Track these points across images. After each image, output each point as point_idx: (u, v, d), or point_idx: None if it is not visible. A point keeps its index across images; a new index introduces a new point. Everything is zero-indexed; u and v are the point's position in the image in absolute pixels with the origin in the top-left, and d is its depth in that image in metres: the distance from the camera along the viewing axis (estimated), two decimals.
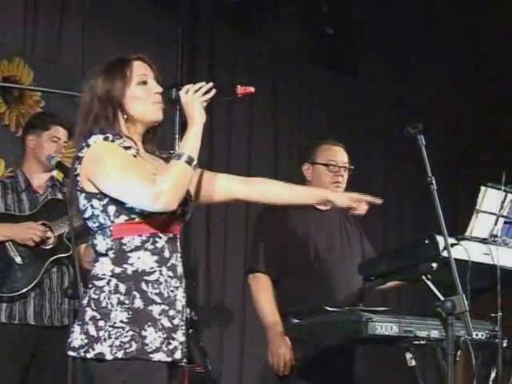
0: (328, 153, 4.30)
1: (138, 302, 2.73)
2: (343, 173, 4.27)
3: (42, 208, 4.30)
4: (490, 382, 3.69)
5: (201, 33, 6.11)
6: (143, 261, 2.76)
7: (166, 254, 2.80)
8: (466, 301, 3.13)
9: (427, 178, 3.30)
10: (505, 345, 3.65)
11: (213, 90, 2.82)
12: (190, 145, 2.78)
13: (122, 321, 2.71)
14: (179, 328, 2.80)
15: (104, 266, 2.77)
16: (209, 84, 2.83)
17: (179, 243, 2.88)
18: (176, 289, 2.81)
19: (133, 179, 2.71)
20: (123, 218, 2.76)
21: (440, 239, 3.40)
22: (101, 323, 2.71)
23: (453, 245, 3.41)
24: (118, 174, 2.72)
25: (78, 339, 2.74)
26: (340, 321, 3.63)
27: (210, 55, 6.12)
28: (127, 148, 2.79)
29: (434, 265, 3.44)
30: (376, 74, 6.96)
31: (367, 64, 6.90)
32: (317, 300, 3.98)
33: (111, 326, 2.70)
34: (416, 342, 3.60)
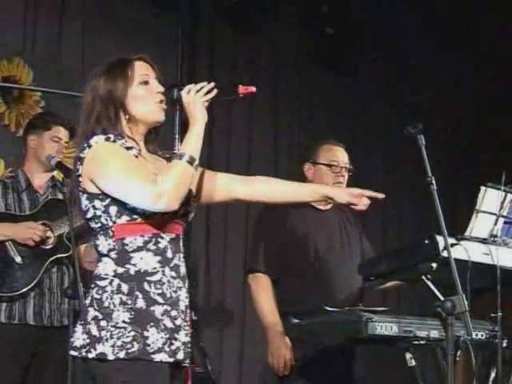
0: (330, 153, 4.30)
1: (141, 303, 2.72)
2: (344, 173, 4.28)
3: (43, 208, 4.29)
4: (490, 382, 3.69)
5: (201, 33, 6.11)
6: (146, 261, 2.75)
7: (169, 255, 2.80)
8: (466, 301, 3.13)
9: (427, 178, 3.30)
10: (504, 345, 3.65)
11: (214, 90, 2.82)
12: (192, 144, 2.77)
13: (124, 321, 2.70)
14: (182, 328, 2.79)
15: (106, 266, 2.76)
16: (210, 84, 2.82)
17: (182, 243, 2.87)
18: (179, 289, 2.81)
19: (134, 179, 2.70)
20: (125, 219, 2.76)
21: (440, 239, 3.40)
22: (103, 323, 2.71)
23: (453, 245, 3.41)
24: (120, 175, 2.72)
25: (80, 339, 2.73)
26: (340, 321, 3.63)
27: (210, 55, 6.11)
28: (129, 148, 2.78)
29: (434, 265, 3.44)
30: (376, 74, 6.96)
31: (367, 64, 6.90)
32: (317, 300, 3.98)
33: (113, 326, 2.70)
34: (416, 342, 3.60)
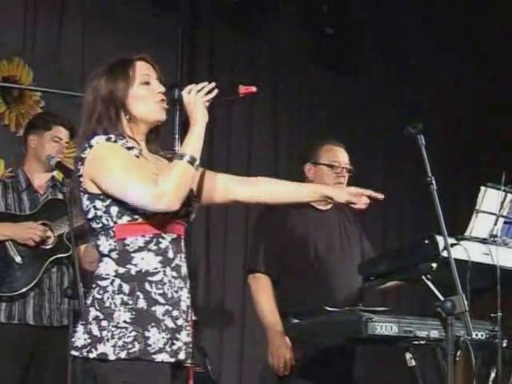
0: (331, 153, 4.30)
1: (142, 303, 2.72)
2: (345, 174, 4.28)
3: (43, 208, 4.29)
4: (490, 382, 3.69)
5: (201, 33, 6.10)
6: (147, 261, 2.75)
7: (170, 255, 2.79)
8: (466, 301, 3.12)
9: (427, 178, 3.30)
10: (504, 345, 3.65)
11: (215, 90, 2.81)
12: (193, 145, 2.77)
13: (126, 321, 2.70)
14: (183, 328, 2.80)
15: (108, 266, 2.76)
16: (211, 84, 2.82)
17: (183, 244, 2.87)
18: (180, 289, 2.81)
19: (135, 180, 2.70)
20: (126, 219, 2.75)
21: (440, 239, 3.40)
22: (104, 323, 2.71)
23: (453, 245, 3.41)
24: (120, 175, 2.72)
25: (81, 339, 2.73)
26: (340, 321, 3.63)
27: (210, 55, 6.11)
28: (130, 148, 2.78)
29: (434, 265, 3.44)
30: (376, 74, 6.95)
31: (367, 64, 6.89)
32: (317, 300, 3.98)
33: (114, 326, 2.70)
34: (416, 342, 3.60)
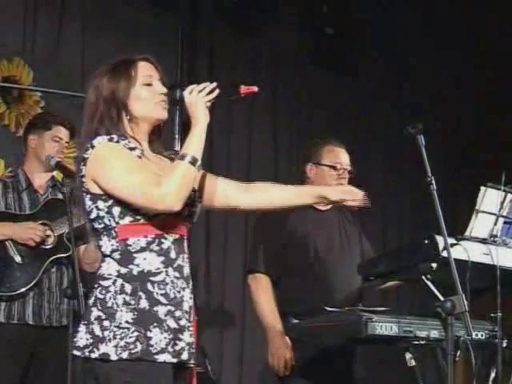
0: (333, 155, 4.29)
1: (144, 303, 2.72)
2: (347, 175, 4.28)
3: (43, 208, 4.29)
4: (490, 382, 3.69)
5: (201, 33, 6.10)
6: (149, 261, 2.75)
7: (173, 255, 2.80)
8: (466, 301, 3.12)
9: (427, 178, 3.30)
10: (504, 345, 3.65)
11: (216, 90, 2.81)
12: (194, 145, 2.77)
13: (128, 321, 2.70)
14: (186, 329, 2.79)
15: (110, 267, 2.77)
16: (212, 84, 2.82)
17: (186, 244, 2.87)
18: (183, 289, 2.81)
19: (136, 180, 2.70)
20: (128, 220, 2.76)
21: (440, 239, 3.40)
22: (106, 323, 2.71)
23: (452, 245, 3.41)
24: (122, 176, 2.72)
25: (84, 339, 2.73)
26: (340, 321, 3.63)
27: (210, 55, 6.11)
28: (132, 149, 2.78)
29: (434, 265, 3.44)
30: (376, 74, 6.95)
31: (367, 64, 6.89)
32: (317, 300, 3.98)
33: (116, 327, 2.70)
34: (416, 342, 3.60)
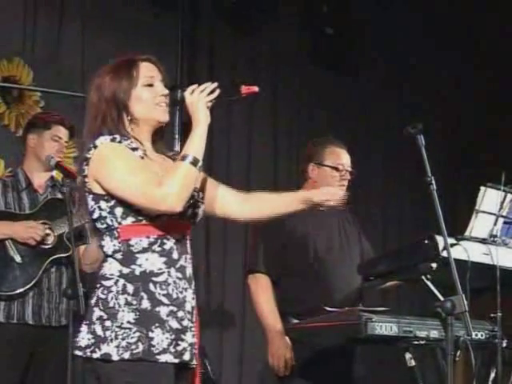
0: (335, 156, 4.29)
1: (146, 303, 2.73)
2: (348, 176, 4.28)
3: (43, 207, 4.29)
4: (490, 382, 3.70)
5: (201, 33, 6.10)
6: (151, 262, 2.76)
7: (175, 256, 2.80)
8: (466, 301, 3.12)
9: (427, 178, 3.30)
10: (504, 345, 3.65)
11: (217, 90, 2.81)
12: (195, 146, 2.77)
13: (129, 321, 2.70)
14: (188, 329, 2.79)
15: (112, 267, 2.77)
16: (213, 84, 2.82)
17: (189, 245, 2.87)
18: (185, 290, 2.81)
19: (138, 181, 2.71)
20: (130, 220, 2.76)
21: (440, 239, 3.40)
22: (108, 323, 2.71)
23: (452, 245, 3.41)
24: (124, 176, 2.72)
25: (85, 339, 2.73)
26: (339, 321, 3.63)
27: (210, 55, 6.11)
28: (134, 149, 2.78)
29: (434, 265, 3.45)
30: (376, 74, 6.95)
31: (367, 64, 6.89)
32: (316, 300, 3.98)
33: (118, 327, 2.70)
34: (415, 342, 3.60)
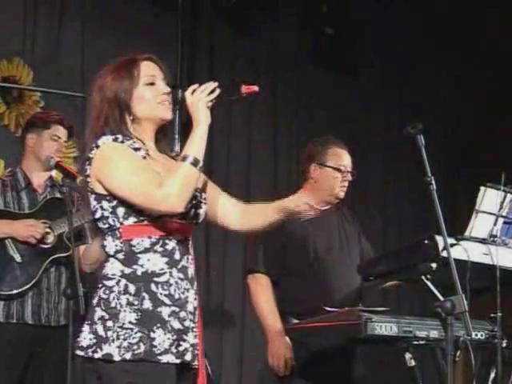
0: (338, 157, 4.29)
1: (147, 304, 2.73)
2: (350, 177, 4.29)
3: (42, 207, 4.29)
4: (490, 382, 3.70)
5: (201, 33, 6.10)
6: (153, 262, 2.76)
7: (177, 256, 2.80)
8: (466, 301, 3.12)
9: (427, 178, 3.30)
10: (504, 345, 3.65)
11: (217, 90, 2.81)
12: (196, 146, 2.77)
13: (131, 322, 2.70)
14: (190, 330, 2.79)
15: (114, 267, 2.77)
16: (214, 83, 2.82)
17: (191, 245, 2.86)
18: (187, 291, 2.81)
19: (140, 181, 2.71)
20: (132, 220, 2.76)
21: (439, 239, 3.40)
22: (109, 323, 2.71)
23: (452, 245, 3.41)
24: (126, 176, 2.72)
25: (87, 339, 2.74)
26: (339, 321, 3.63)
27: (210, 55, 6.11)
28: (137, 149, 2.78)
29: (434, 265, 3.45)
30: (376, 74, 6.95)
31: (367, 64, 6.89)
32: (316, 300, 3.98)
33: (120, 327, 2.70)
34: (415, 342, 3.61)
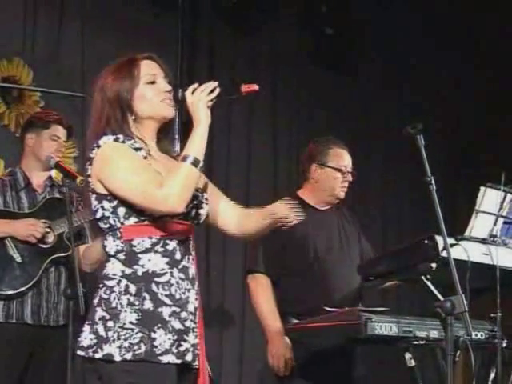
0: (339, 157, 4.30)
1: (148, 304, 2.72)
2: (350, 178, 4.29)
3: (42, 207, 4.28)
4: (490, 383, 3.70)
5: (201, 33, 6.10)
6: (154, 262, 2.75)
7: (178, 256, 2.79)
8: (466, 301, 3.12)
9: (427, 178, 3.30)
10: (504, 345, 3.65)
11: (217, 89, 2.80)
12: (196, 146, 2.76)
13: (132, 322, 2.70)
14: (191, 330, 2.79)
15: (115, 267, 2.77)
16: (214, 83, 2.81)
17: (192, 246, 2.85)
18: (188, 291, 2.80)
19: (140, 181, 2.71)
20: (133, 220, 2.76)
21: (439, 239, 3.40)
22: (110, 324, 2.71)
23: (452, 245, 3.41)
24: (127, 176, 2.72)
25: (88, 339, 2.74)
26: (339, 321, 3.63)
27: (210, 55, 6.11)
28: (138, 149, 2.78)
29: (434, 265, 3.45)
30: (376, 74, 6.95)
31: (367, 64, 6.89)
32: (316, 300, 3.99)
33: (120, 327, 2.70)
34: (415, 342, 3.61)
